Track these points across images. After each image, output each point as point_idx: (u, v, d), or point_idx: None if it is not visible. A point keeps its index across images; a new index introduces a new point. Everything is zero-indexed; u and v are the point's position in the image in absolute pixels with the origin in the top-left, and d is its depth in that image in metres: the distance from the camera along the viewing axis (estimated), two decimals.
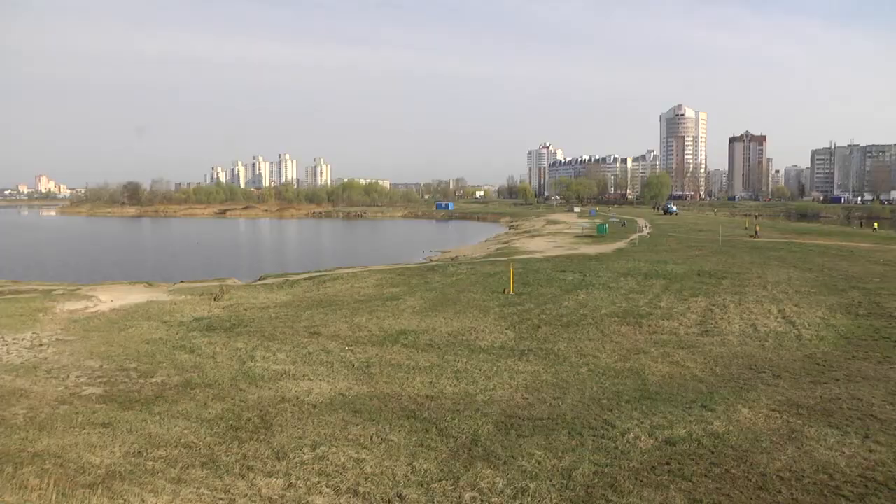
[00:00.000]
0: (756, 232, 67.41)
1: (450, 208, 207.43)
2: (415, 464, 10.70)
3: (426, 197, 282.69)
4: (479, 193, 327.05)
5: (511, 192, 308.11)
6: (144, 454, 11.34)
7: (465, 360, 17.84)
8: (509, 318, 23.60)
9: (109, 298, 29.91)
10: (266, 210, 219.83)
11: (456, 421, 12.85)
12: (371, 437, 12.04)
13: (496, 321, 23.04)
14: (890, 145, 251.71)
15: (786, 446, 11.11)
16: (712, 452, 10.89)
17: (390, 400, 14.50)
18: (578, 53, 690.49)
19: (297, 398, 14.76)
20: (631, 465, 10.45)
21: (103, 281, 39.56)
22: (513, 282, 30.23)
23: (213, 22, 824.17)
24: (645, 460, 10.62)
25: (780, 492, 9.43)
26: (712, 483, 9.74)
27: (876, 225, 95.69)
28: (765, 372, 16.09)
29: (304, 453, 11.26)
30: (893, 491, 9.38)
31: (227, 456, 11.23)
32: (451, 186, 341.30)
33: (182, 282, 39.18)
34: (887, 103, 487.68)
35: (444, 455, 11.10)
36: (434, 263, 47.48)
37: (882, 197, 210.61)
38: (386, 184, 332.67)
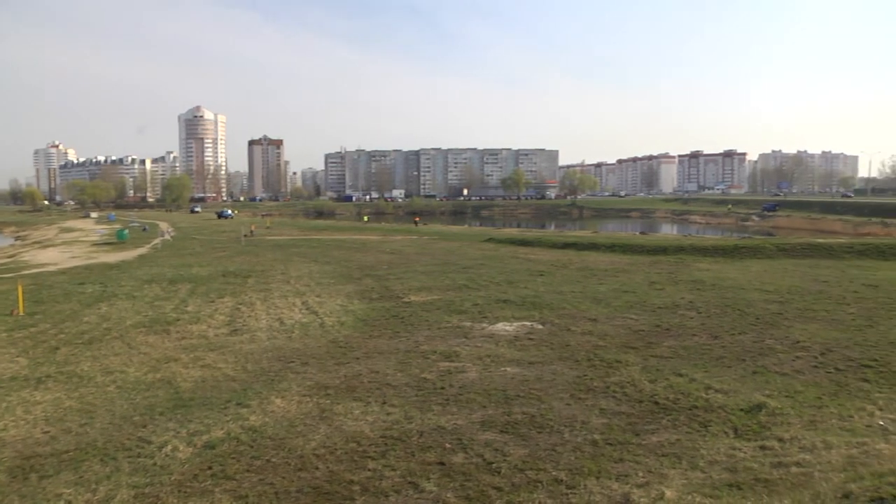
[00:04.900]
0: (251, 231, 69.61)
1: None
2: None
3: None
4: None
5: (16, 197, 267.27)
6: None
7: None
8: (21, 342, 20.41)
9: None
10: None
11: None
12: None
13: (5, 348, 19.70)
14: (390, 151, 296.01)
15: (318, 426, 11.96)
16: (251, 447, 11.09)
17: None
18: (96, 43, 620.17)
19: None
20: (173, 478, 9.99)
21: None
22: (23, 300, 26.24)
23: None
24: (187, 470, 10.28)
25: (317, 468, 10.11)
26: (255, 476, 9.93)
27: (365, 218, 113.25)
28: (293, 361, 17.04)
29: None
30: (406, 442, 11.00)
31: None
32: None
33: None
34: (381, 116, 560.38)
35: None
36: None
37: (386, 195, 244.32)
38: None
